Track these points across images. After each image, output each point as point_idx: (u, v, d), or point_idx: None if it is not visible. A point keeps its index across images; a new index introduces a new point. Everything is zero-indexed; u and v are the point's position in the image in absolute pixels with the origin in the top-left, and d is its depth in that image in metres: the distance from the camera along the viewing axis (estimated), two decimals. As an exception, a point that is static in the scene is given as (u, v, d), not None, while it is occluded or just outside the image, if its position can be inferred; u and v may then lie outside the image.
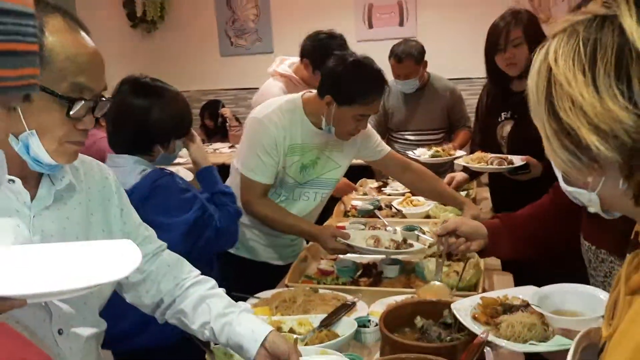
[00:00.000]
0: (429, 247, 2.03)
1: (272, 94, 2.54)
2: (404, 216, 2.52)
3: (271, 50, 5.44)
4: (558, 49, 0.67)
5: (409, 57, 3.15)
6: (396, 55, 3.16)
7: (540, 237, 1.47)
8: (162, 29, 5.75)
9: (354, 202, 2.75)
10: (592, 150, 0.63)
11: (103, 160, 1.43)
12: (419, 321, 1.35)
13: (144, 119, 1.62)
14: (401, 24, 5.21)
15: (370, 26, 5.25)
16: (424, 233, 2.21)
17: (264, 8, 5.43)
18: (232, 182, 2.09)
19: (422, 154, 2.93)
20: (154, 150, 1.68)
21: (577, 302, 1.20)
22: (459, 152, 2.93)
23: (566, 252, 1.48)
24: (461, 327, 1.30)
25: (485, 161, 2.43)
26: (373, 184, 3.13)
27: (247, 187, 1.98)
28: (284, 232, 2.06)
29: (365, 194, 2.99)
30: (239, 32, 5.52)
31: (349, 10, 5.26)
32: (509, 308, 1.25)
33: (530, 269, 1.72)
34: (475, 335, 1.19)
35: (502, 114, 2.43)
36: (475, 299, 1.33)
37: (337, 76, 1.86)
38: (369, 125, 2.10)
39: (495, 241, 1.50)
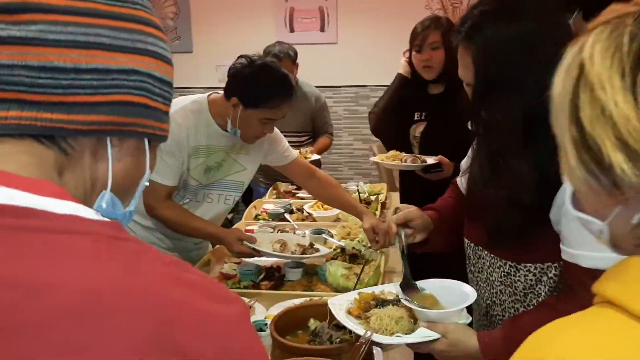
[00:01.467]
0: (335, 249, 2.05)
1: None
2: (314, 219, 2.53)
3: (190, 49, 5.32)
4: (596, 43, 0.53)
5: (287, 56, 3.21)
6: (275, 55, 3.18)
7: (459, 228, 1.45)
8: (75, 22, 5.48)
9: (266, 206, 2.73)
10: (616, 171, 0.50)
11: None
12: (312, 323, 1.35)
13: None
14: (322, 29, 5.25)
15: (292, 30, 5.26)
16: (331, 236, 2.24)
17: (183, 6, 5.30)
18: None
19: None
20: None
21: (444, 296, 1.25)
22: (315, 156, 3.09)
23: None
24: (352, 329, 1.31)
25: (399, 159, 2.49)
26: (287, 187, 3.12)
27: (150, 190, 1.90)
28: (189, 235, 2.00)
29: (278, 197, 2.98)
30: (157, 29, 5.36)
31: (270, 13, 5.25)
32: (381, 302, 1.28)
33: (427, 270, 1.76)
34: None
35: (416, 114, 2.51)
36: (353, 295, 1.35)
37: (243, 78, 1.83)
38: (276, 130, 2.09)
39: (434, 234, 1.47)
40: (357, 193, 2.83)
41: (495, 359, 1.09)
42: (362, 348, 1.13)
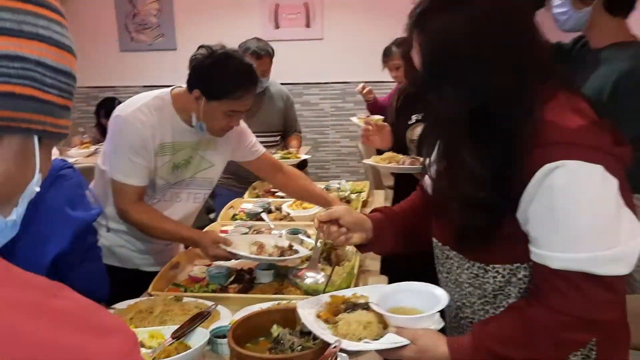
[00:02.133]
0: (311, 249, 1.98)
1: None
2: (292, 219, 2.45)
3: (174, 47, 5.25)
4: None
5: (267, 54, 3.15)
6: (254, 52, 3.11)
7: (416, 231, 1.42)
8: (56, 20, 5.39)
9: (244, 205, 2.65)
10: None
11: None
12: (275, 330, 1.27)
13: None
14: (308, 25, 5.18)
15: (277, 26, 5.18)
16: (308, 237, 2.16)
17: (165, 3, 5.22)
18: (97, 185, 1.93)
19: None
20: None
21: (415, 300, 1.18)
22: (304, 155, 3.21)
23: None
24: (316, 336, 1.25)
25: (396, 161, 2.39)
26: (268, 186, 3.05)
27: (120, 192, 1.82)
28: (162, 239, 1.92)
29: (258, 196, 2.90)
30: (139, 27, 5.27)
31: (254, 9, 5.17)
32: (351, 306, 1.21)
33: (405, 270, 1.70)
34: (328, 343, 1.14)
35: (413, 116, 2.40)
36: (324, 297, 1.29)
37: (204, 69, 1.75)
38: (244, 125, 2.02)
39: (378, 235, 1.41)
40: (338, 191, 2.76)
41: None
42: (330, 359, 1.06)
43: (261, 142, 2.40)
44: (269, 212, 2.55)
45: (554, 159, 0.92)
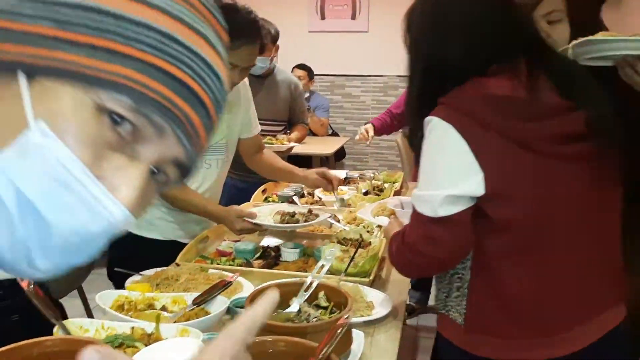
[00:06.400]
0: (340, 231, 1.99)
1: None
2: (323, 204, 2.47)
3: (221, 34, 5.33)
4: None
5: (267, 33, 3.12)
6: None
7: None
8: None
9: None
10: None
11: None
12: (293, 301, 1.29)
13: None
14: (353, 17, 5.17)
15: (323, 17, 5.19)
16: (338, 221, 2.17)
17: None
18: None
19: None
20: None
21: None
22: (292, 144, 3.18)
23: None
24: (333, 310, 1.26)
25: None
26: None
27: None
28: (189, 211, 1.96)
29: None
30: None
31: (301, 0, 5.19)
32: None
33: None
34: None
35: None
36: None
37: None
38: (250, 96, 2.11)
39: None
40: (371, 180, 2.75)
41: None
42: (341, 329, 1.06)
43: (262, 131, 2.41)
44: (302, 196, 2.57)
45: (431, 114, 1.17)
